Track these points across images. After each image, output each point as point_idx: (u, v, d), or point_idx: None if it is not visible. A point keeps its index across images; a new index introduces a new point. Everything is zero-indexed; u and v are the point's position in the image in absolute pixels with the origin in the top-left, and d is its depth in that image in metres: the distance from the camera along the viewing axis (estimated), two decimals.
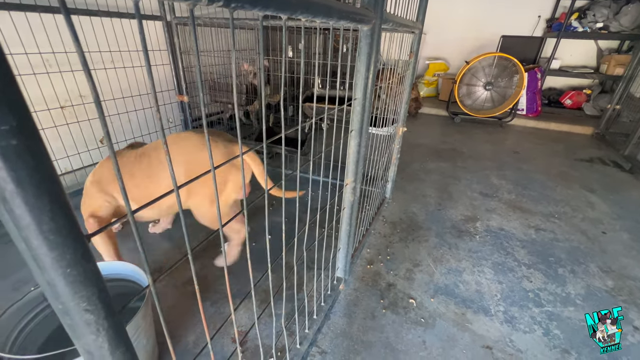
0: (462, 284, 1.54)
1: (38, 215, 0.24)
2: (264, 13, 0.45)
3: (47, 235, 0.25)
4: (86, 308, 0.29)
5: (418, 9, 1.61)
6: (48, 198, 0.24)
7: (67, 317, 0.29)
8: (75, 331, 0.30)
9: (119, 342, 0.33)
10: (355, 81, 0.96)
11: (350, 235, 1.27)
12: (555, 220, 2.12)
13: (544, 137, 4.01)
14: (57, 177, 0.25)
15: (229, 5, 0.37)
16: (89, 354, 0.32)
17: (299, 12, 0.51)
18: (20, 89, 0.22)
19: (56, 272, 0.26)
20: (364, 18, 0.80)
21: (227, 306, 1.36)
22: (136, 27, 1.83)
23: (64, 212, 0.26)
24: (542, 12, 4.86)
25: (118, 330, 0.32)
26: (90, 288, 0.29)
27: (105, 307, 0.30)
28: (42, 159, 0.24)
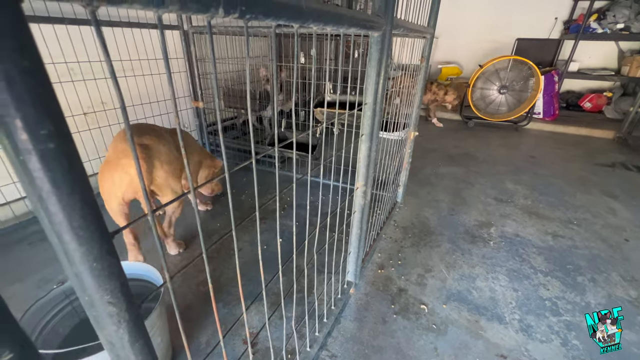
0: (475, 290, 1.51)
1: (70, 212, 0.26)
2: (277, 23, 0.47)
3: (77, 231, 0.27)
4: (109, 301, 0.31)
5: (429, 14, 1.62)
6: (79, 197, 0.26)
7: (92, 309, 0.31)
8: (99, 322, 0.32)
9: (139, 334, 0.34)
10: (366, 86, 0.97)
11: (360, 239, 1.27)
12: (574, 226, 2.05)
13: (562, 141, 3.90)
14: (87, 178, 0.27)
15: (243, 17, 0.39)
16: (111, 344, 0.34)
17: (311, 21, 0.53)
18: (56, 96, 0.24)
19: (84, 266, 0.29)
20: (374, 25, 0.82)
21: (239, 308, 1.38)
22: (154, 36, 1.91)
23: (93, 210, 0.28)
24: (559, 14, 4.76)
25: (138, 323, 0.34)
26: (113, 282, 0.31)
27: (126, 301, 0.32)
28: (75, 161, 0.26)
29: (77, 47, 1.88)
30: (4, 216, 1.85)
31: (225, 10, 0.36)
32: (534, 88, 3.99)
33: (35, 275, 1.54)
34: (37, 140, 0.23)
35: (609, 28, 4.20)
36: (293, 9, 0.47)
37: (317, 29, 0.59)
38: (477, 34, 5.31)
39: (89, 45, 1.93)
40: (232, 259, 1.70)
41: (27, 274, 1.55)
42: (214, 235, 1.89)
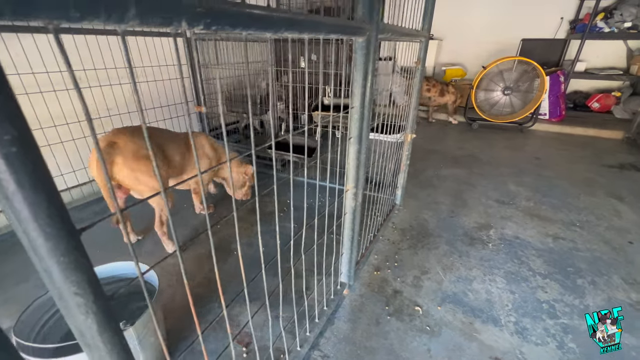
0: (471, 292, 1.51)
1: (35, 210, 0.29)
2: (247, 33, 0.50)
3: (44, 228, 0.30)
4: (76, 292, 0.33)
5: (423, 18, 1.63)
6: (44, 196, 0.29)
7: (61, 301, 0.34)
8: (68, 313, 0.35)
9: (107, 324, 0.37)
10: (353, 90, 0.99)
11: (353, 240, 1.29)
12: (576, 229, 2.02)
13: (568, 142, 3.84)
14: (51, 179, 0.30)
15: (209, 28, 0.42)
16: (81, 333, 0.36)
17: (283, 30, 0.56)
18: (19, 105, 0.27)
19: (51, 260, 0.31)
20: (357, 30, 0.84)
21: (234, 308, 1.40)
22: (157, 44, 1.97)
23: (58, 208, 0.31)
24: (565, 14, 4.70)
25: (107, 313, 0.37)
26: (80, 274, 0.33)
27: (93, 292, 0.35)
28: (39, 163, 0.29)
29: (83, 55, 1.95)
30: None
31: (189, 24, 0.38)
32: (539, 89, 3.94)
33: (34, 277, 1.60)
34: (1, 145, 0.26)
35: (617, 27, 4.13)
36: (262, 19, 0.49)
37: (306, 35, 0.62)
38: (481, 36, 5.28)
39: (95, 53, 2.01)
40: (229, 260, 1.73)
41: (32, 274, 1.60)
42: (214, 236, 1.92)
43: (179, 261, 0.51)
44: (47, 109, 1.87)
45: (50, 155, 1.92)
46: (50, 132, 1.90)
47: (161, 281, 1.55)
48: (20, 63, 1.73)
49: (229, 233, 1.94)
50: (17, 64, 1.70)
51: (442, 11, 5.37)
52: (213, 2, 0.40)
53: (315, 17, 0.63)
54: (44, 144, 1.89)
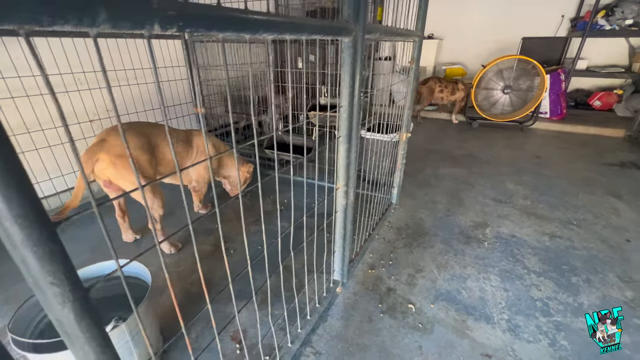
0: (465, 290, 1.51)
1: (8, 203, 0.31)
2: (224, 34, 0.52)
3: (17, 219, 0.32)
4: (52, 282, 0.35)
5: (417, 18, 1.64)
6: (15, 189, 0.31)
7: (38, 290, 0.36)
8: (46, 302, 0.37)
9: (85, 313, 0.39)
10: (341, 90, 1.00)
11: (345, 238, 1.30)
12: (573, 227, 2.02)
13: (569, 140, 3.82)
14: (25, 174, 0.32)
15: (183, 31, 0.44)
16: (59, 322, 0.38)
17: (262, 31, 0.58)
18: None
19: (26, 250, 0.33)
20: (342, 30, 0.86)
21: (229, 306, 1.42)
22: (156, 46, 2.00)
23: (31, 201, 0.32)
24: (566, 12, 4.68)
25: (84, 303, 0.39)
26: (55, 265, 0.35)
27: (70, 282, 0.37)
28: (11, 160, 0.31)
29: (82, 58, 1.99)
30: None
31: (161, 26, 0.40)
32: (539, 87, 3.92)
33: None
34: None
35: (618, 24, 4.10)
36: (238, 21, 0.51)
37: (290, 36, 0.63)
38: (481, 34, 5.27)
39: (94, 55, 2.04)
40: (223, 261, 1.75)
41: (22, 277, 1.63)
42: (211, 235, 1.95)
43: (159, 254, 0.52)
44: (48, 111, 1.91)
45: (51, 156, 1.96)
46: (50, 134, 1.94)
47: (159, 279, 1.58)
48: (20, 66, 1.77)
49: (227, 231, 1.96)
50: (18, 67, 1.74)
51: (442, 10, 5.38)
52: (186, 5, 0.42)
53: (294, 19, 0.65)
54: (44, 146, 1.93)
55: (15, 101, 1.77)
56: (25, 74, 1.77)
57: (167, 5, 0.39)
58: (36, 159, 1.90)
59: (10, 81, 1.74)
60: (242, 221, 0.76)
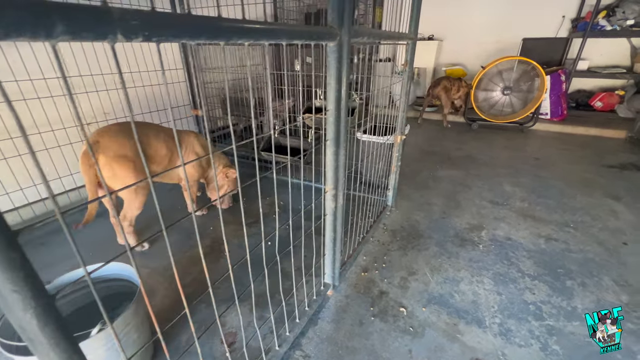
0: (457, 294, 1.50)
1: None
2: (196, 43, 0.52)
3: None
4: (13, 289, 0.36)
5: (410, 21, 1.64)
6: None
7: (1, 298, 0.36)
8: (8, 309, 0.37)
9: (49, 319, 0.39)
10: (327, 93, 1.01)
11: (335, 242, 1.30)
12: (569, 229, 2.00)
13: (570, 142, 3.79)
14: None
15: (149, 40, 0.44)
16: (22, 329, 0.39)
17: (237, 38, 0.58)
18: None
19: None
20: (325, 35, 0.86)
21: (221, 309, 1.43)
22: (153, 49, 2.03)
23: None
24: (567, 12, 4.65)
25: (47, 309, 0.39)
26: (15, 272, 0.36)
27: (31, 289, 0.37)
28: None
29: (79, 61, 2.01)
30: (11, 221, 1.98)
31: (125, 37, 0.41)
32: (539, 88, 3.90)
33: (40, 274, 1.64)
34: None
35: (619, 25, 4.07)
36: (209, 29, 0.52)
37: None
38: (482, 35, 5.25)
39: (90, 58, 2.06)
40: (220, 261, 1.76)
41: None
42: (206, 238, 1.95)
43: (129, 256, 0.53)
44: (44, 113, 1.93)
45: (47, 158, 1.98)
46: (47, 136, 1.96)
47: (152, 281, 1.59)
48: (18, 70, 1.79)
49: (219, 237, 1.96)
50: (15, 71, 1.77)
51: (442, 12, 5.38)
52: (150, 15, 0.42)
53: (272, 24, 0.65)
54: (41, 148, 1.95)
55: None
56: (21, 78, 1.79)
57: (130, 15, 0.40)
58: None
59: (7, 85, 1.76)
60: (222, 229, 0.76)
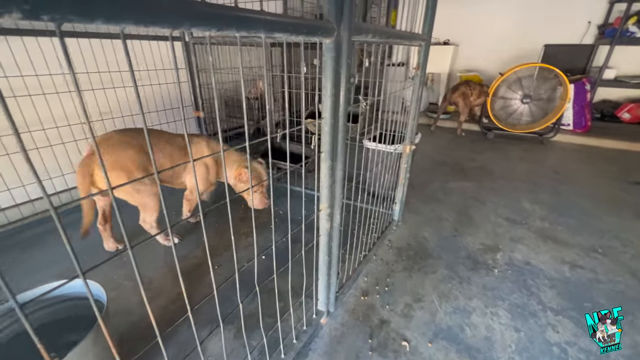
0: (469, 327, 1.33)
1: None
2: (138, 26, 0.39)
3: None
4: None
5: (424, 20, 1.49)
6: None
7: None
8: None
9: None
10: (322, 99, 0.87)
11: (331, 265, 1.15)
12: (597, 255, 1.79)
13: (594, 155, 3.53)
14: None
15: (54, 20, 0.31)
16: None
17: (191, 25, 0.45)
18: None
19: None
20: (319, 30, 0.72)
21: (205, 330, 1.29)
22: (154, 48, 1.95)
23: None
24: (593, 18, 4.40)
25: None
26: None
27: None
28: None
29: (75, 58, 1.93)
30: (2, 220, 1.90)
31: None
32: (562, 97, 3.67)
33: (19, 281, 1.55)
34: None
35: None
36: (145, 7, 0.38)
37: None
38: (500, 41, 5.03)
39: (87, 56, 1.98)
40: (208, 277, 1.62)
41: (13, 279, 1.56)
42: (198, 248, 1.83)
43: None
44: (49, 110, 1.86)
45: (38, 158, 1.90)
46: (51, 133, 1.89)
47: (132, 298, 1.46)
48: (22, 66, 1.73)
49: (215, 245, 1.84)
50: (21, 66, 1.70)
51: (459, 16, 5.19)
52: None
53: (248, 12, 0.52)
54: (34, 147, 1.87)
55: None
56: (13, 74, 1.72)
57: None
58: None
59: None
60: (206, 246, 0.62)
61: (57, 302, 1.05)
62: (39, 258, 1.73)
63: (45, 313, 1.06)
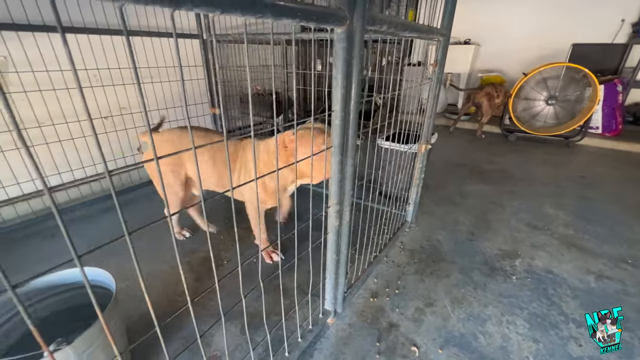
0: (483, 335, 1.26)
1: None
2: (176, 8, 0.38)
3: None
4: None
5: (443, 14, 1.44)
6: None
7: None
8: None
9: None
10: (333, 91, 0.84)
11: (339, 264, 1.12)
12: (627, 266, 1.67)
13: (623, 160, 3.33)
14: None
15: None
16: None
17: (194, 6, 0.43)
18: None
19: None
20: (331, 18, 0.70)
21: (208, 323, 1.29)
22: (172, 45, 1.99)
23: None
24: (626, 16, 4.15)
25: None
26: None
27: None
28: None
29: (97, 55, 1.99)
30: (15, 212, 1.98)
31: None
32: (591, 99, 3.48)
33: (34, 268, 1.61)
34: None
35: None
36: None
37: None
38: (524, 40, 4.84)
39: (109, 53, 2.04)
40: (219, 269, 1.63)
41: (28, 267, 1.62)
42: (206, 243, 1.84)
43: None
44: (58, 106, 1.92)
45: (54, 152, 1.97)
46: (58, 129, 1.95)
47: (138, 288, 1.48)
48: (32, 62, 1.79)
49: (219, 242, 1.85)
50: (32, 62, 1.76)
51: (480, 14, 5.03)
52: None
53: None
54: (55, 140, 1.94)
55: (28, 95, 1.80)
56: (25, 69, 1.79)
57: None
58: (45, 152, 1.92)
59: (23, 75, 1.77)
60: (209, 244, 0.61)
61: (69, 289, 1.07)
62: (57, 247, 1.79)
63: (57, 300, 1.08)
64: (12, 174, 1.83)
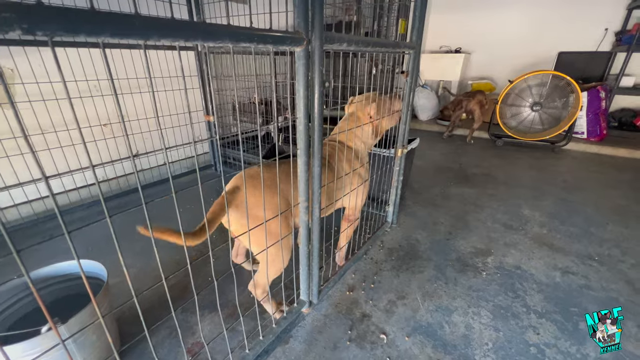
0: (448, 325, 1.36)
1: None
2: (100, 39, 0.50)
3: None
4: None
5: (411, 30, 1.57)
6: None
7: None
8: None
9: None
10: (297, 101, 0.96)
11: (311, 257, 1.23)
12: (593, 263, 1.77)
13: (607, 164, 3.43)
14: None
15: (32, 32, 0.42)
16: None
17: (156, 37, 0.55)
18: None
19: None
20: (287, 40, 0.82)
21: (192, 317, 1.40)
22: (169, 56, 2.09)
23: None
24: (610, 25, 4.30)
25: None
26: None
27: None
28: None
29: (97, 66, 2.14)
30: (23, 213, 2.11)
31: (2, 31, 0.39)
32: (574, 105, 3.60)
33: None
34: None
35: None
36: (117, 23, 0.49)
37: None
38: (513, 49, 4.99)
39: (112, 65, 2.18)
40: (208, 267, 1.74)
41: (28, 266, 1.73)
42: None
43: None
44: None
45: (54, 157, 2.10)
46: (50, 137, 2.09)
47: (134, 282, 1.58)
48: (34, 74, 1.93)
49: (219, 234, 1.96)
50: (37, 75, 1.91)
51: (470, 24, 5.20)
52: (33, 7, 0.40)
53: (211, 26, 0.62)
54: (57, 145, 2.07)
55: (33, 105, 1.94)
56: (29, 80, 1.93)
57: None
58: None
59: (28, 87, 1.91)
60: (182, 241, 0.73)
61: (67, 280, 1.18)
62: (57, 247, 1.90)
63: (59, 288, 1.20)
64: (16, 177, 1.96)
